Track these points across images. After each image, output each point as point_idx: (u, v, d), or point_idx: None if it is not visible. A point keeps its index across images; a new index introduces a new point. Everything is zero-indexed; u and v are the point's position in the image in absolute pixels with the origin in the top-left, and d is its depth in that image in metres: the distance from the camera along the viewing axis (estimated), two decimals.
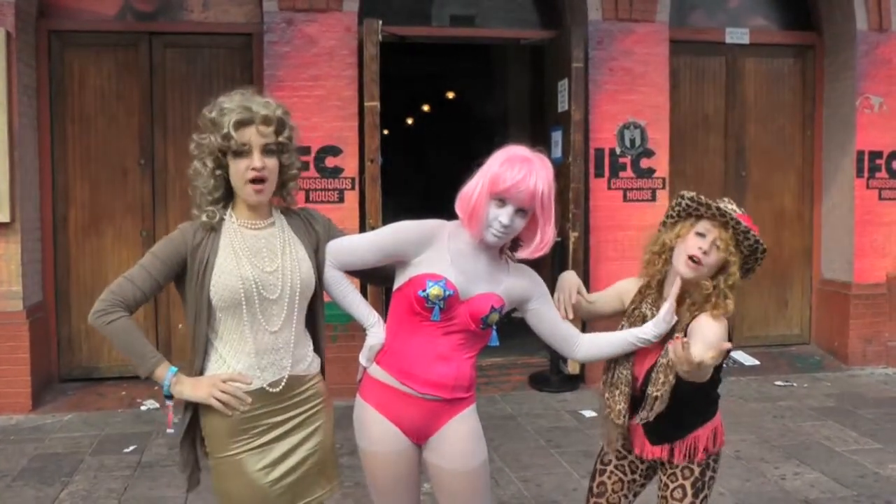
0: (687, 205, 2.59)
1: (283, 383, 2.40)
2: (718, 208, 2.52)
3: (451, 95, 13.36)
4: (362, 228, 6.17)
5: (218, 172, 2.35)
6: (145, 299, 2.37)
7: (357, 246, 2.52)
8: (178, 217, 6.72)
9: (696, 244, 2.52)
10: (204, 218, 2.37)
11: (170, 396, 2.35)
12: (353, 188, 6.48)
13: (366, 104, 6.17)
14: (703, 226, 2.55)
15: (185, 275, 2.37)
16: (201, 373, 2.38)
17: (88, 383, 6.59)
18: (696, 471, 2.66)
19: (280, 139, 2.37)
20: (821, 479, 4.71)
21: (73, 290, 6.64)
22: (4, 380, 5.98)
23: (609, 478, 2.78)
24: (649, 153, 6.98)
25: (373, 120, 6.14)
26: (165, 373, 2.32)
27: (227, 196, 2.42)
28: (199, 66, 6.78)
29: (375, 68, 6.14)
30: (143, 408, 6.17)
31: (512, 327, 2.70)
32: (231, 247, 2.36)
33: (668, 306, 2.54)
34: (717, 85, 7.64)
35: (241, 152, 2.31)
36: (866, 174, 7.37)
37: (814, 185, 7.82)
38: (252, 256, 2.37)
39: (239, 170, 2.32)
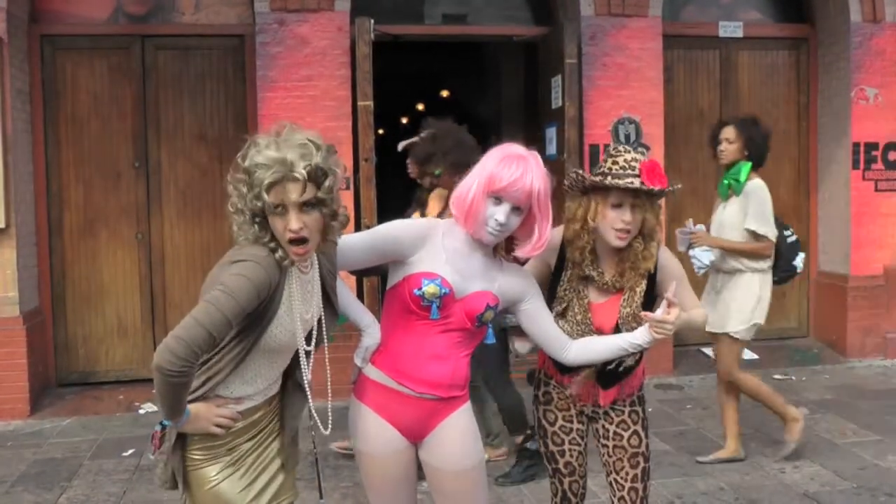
0: (592, 183, 2.62)
1: (265, 407, 2.37)
2: (626, 187, 2.53)
3: (445, 94, 13.34)
4: (357, 228, 6.14)
5: (257, 219, 2.15)
6: None
7: (352, 247, 2.48)
8: (173, 219, 6.72)
9: (619, 217, 2.58)
10: (279, 255, 2.15)
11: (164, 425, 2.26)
12: (347, 188, 6.47)
13: (359, 104, 6.16)
14: (615, 196, 2.58)
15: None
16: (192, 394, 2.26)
17: (86, 388, 6.59)
18: (641, 412, 2.80)
19: (320, 194, 2.10)
20: (820, 472, 4.70)
21: (69, 294, 6.63)
22: (2, 385, 5.96)
23: (572, 455, 2.81)
24: (644, 148, 6.96)
25: (366, 119, 6.13)
26: (182, 418, 2.18)
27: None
28: (192, 68, 6.77)
29: (368, 67, 6.14)
30: (141, 411, 6.16)
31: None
32: (290, 300, 2.21)
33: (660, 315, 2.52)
34: (711, 79, 7.64)
35: (278, 213, 2.10)
36: (862, 166, 7.37)
37: (809, 177, 7.82)
38: (303, 305, 2.26)
39: (277, 228, 2.12)
